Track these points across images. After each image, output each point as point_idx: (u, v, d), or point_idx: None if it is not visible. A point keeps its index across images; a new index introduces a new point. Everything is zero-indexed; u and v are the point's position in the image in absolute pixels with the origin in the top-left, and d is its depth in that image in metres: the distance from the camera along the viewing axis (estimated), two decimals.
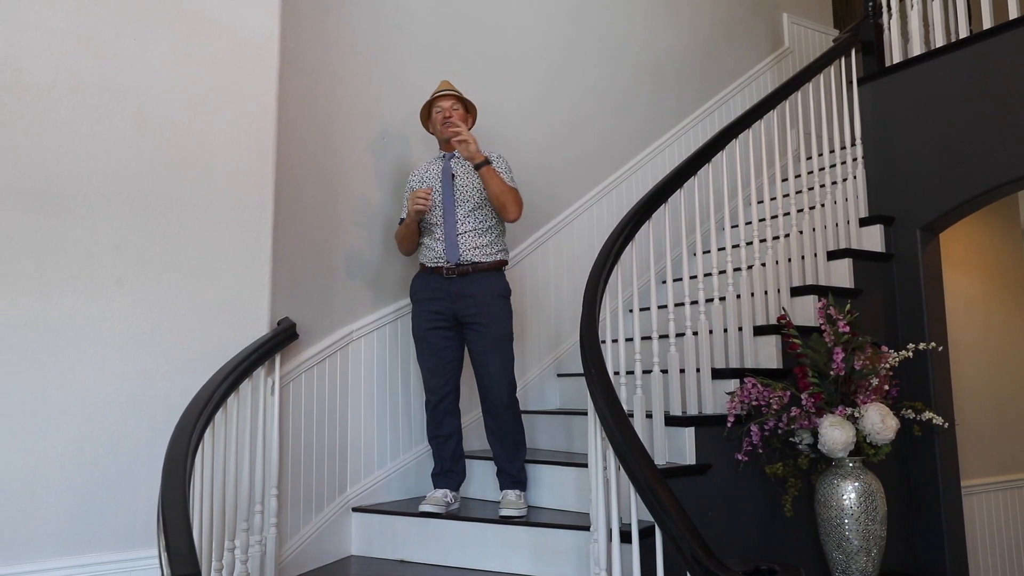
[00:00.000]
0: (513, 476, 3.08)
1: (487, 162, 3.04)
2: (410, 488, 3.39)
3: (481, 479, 3.35)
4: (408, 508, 3.14)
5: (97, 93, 2.57)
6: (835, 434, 2.96)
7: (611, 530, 2.18)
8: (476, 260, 3.05)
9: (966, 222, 4.30)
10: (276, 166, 2.89)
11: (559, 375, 4.07)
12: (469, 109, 3.28)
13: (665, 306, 3.20)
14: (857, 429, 3.03)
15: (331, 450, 3.16)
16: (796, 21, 5.60)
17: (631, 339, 3.12)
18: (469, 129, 3.19)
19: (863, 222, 3.91)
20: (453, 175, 3.15)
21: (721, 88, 5.11)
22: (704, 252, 3.61)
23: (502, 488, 3.08)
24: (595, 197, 4.39)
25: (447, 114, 3.16)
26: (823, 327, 3.14)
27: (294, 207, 3.14)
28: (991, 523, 4.45)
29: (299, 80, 3.22)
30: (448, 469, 3.15)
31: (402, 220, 3.22)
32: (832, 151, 4.05)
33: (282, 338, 2.75)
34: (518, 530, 2.84)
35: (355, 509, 3.19)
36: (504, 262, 3.16)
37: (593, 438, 2.40)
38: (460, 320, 3.07)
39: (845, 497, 3.03)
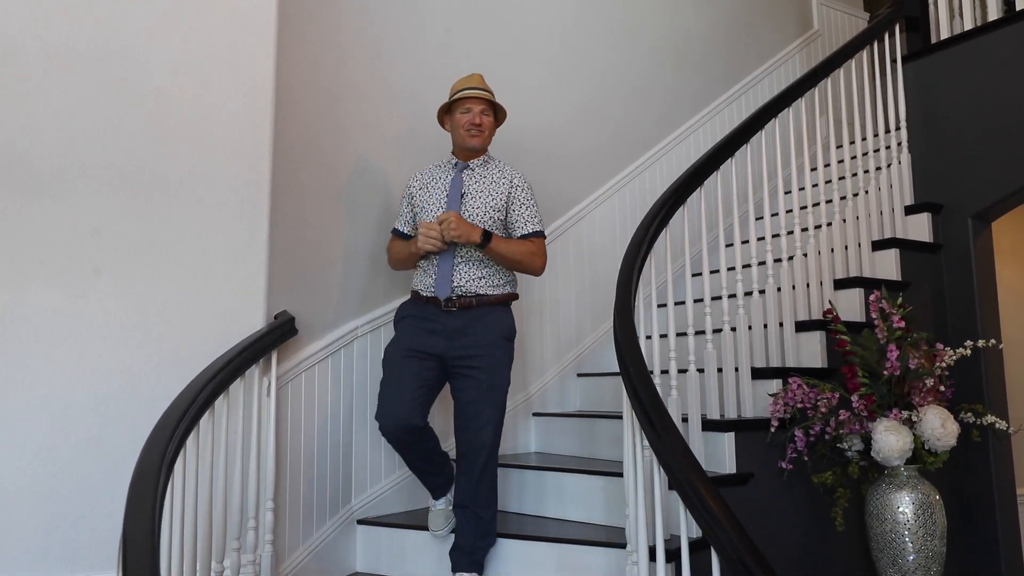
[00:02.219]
0: (472, 557, 2.56)
1: (487, 237, 2.56)
2: (421, 498, 3.10)
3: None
4: (418, 520, 2.86)
5: (74, 58, 2.30)
6: (890, 440, 2.68)
7: (654, 549, 1.90)
8: (480, 292, 2.59)
9: (1014, 212, 4.00)
10: (274, 144, 2.62)
11: (579, 375, 3.80)
12: (498, 115, 2.80)
13: (701, 299, 2.91)
14: (915, 434, 2.74)
15: (334, 457, 2.88)
16: (826, 3, 5.31)
17: (664, 335, 2.83)
18: (493, 131, 2.76)
19: (909, 210, 3.62)
20: (463, 193, 2.67)
21: (747, 73, 4.82)
22: (743, 242, 3.32)
23: (455, 570, 2.55)
24: (616, 185, 4.11)
25: (476, 121, 2.66)
26: (876, 322, 2.86)
27: (294, 190, 2.86)
28: None
29: (301, 52, 2.95)
30: (441, 485, 2.73)
31: (395, 231, 2.82)
32: (876, 135, 3.76)
33: (279, 333, 2.48)
34: (543, 546, 2.56)
35: (360, 522, 2.91)
36: (514, 296, 2.71)
37: (630, 445, 2.12)
38: (448, 363, 2.58)
39: (900, 509, 2.75)
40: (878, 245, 3.45)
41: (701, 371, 2.83)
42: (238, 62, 2.56)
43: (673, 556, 2.15)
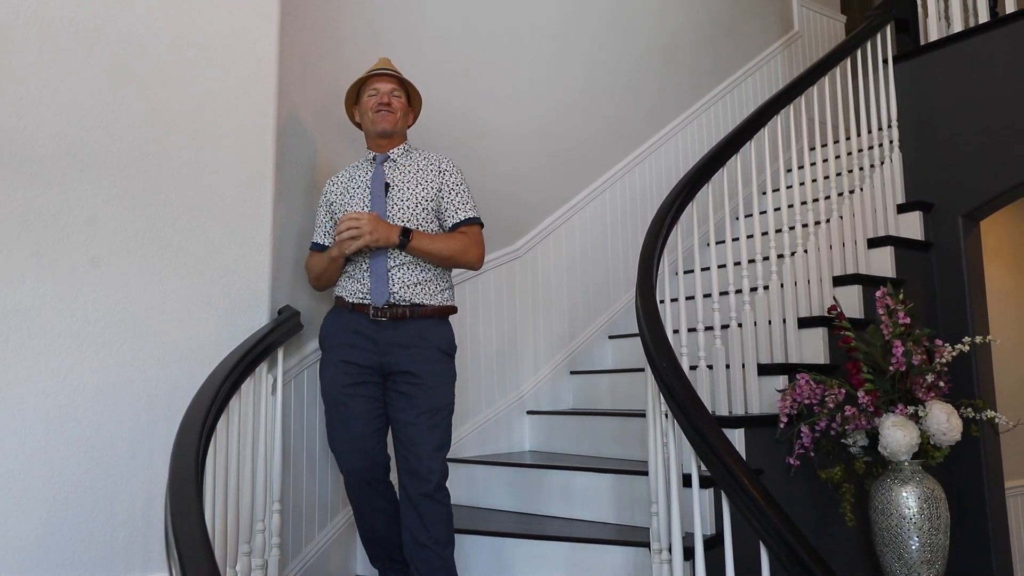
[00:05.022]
0: None
1: (406, 235, 2.27)
2: None
3: (497, 486, 3.02)
4: None
5: (69, 36, 2.17)
6: (898, 435, 2.70)
7: (694, 549, 1.86)
8: (416, 302, 2.29)
9: (997, 212, 4.09)
10: (277, 132, 2.51)
11: (572, 372, 3.76)
12: (412, 100, 2.52)
13: (709, 295, 2.89)
14: (920, 430, 2.76)
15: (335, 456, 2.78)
16: (806, 5, 5.38)
17: (676, 331, 2.81)
18: (410, 123, 2.52)
19: (901, 208, 3.67)
20: (388, 184, 2.39)
21: (733, 71, 4.86)
22: (748, 237, 3.32)
23: None
24: (608, 182, 4.09)
25: (384, 100, 2.41)
26: (883, 318, 2.87)
27: (296, 180, 2.76)
28: None
29: (300, 39, 2.85)
30: (396, 559, 2.41)
31: (314, 244, 2.51)
32: (870, 131, 3.80)
33: (286, 329, 2.37)
34: (554, 546, 2.51)
35: None
36: (452, 308, 2.40)
37: (659, 443, 2.08)
38: (386, 375, 2.31)
39: (905, 504, 2.76)
40: (873, 243, 3.49)
41: (710, 367, 2.81)
42: (241, 48, 2.45)
43: (691, 554, 2.13)
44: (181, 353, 2.25)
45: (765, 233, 3.21)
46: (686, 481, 2.10)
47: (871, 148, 3.74)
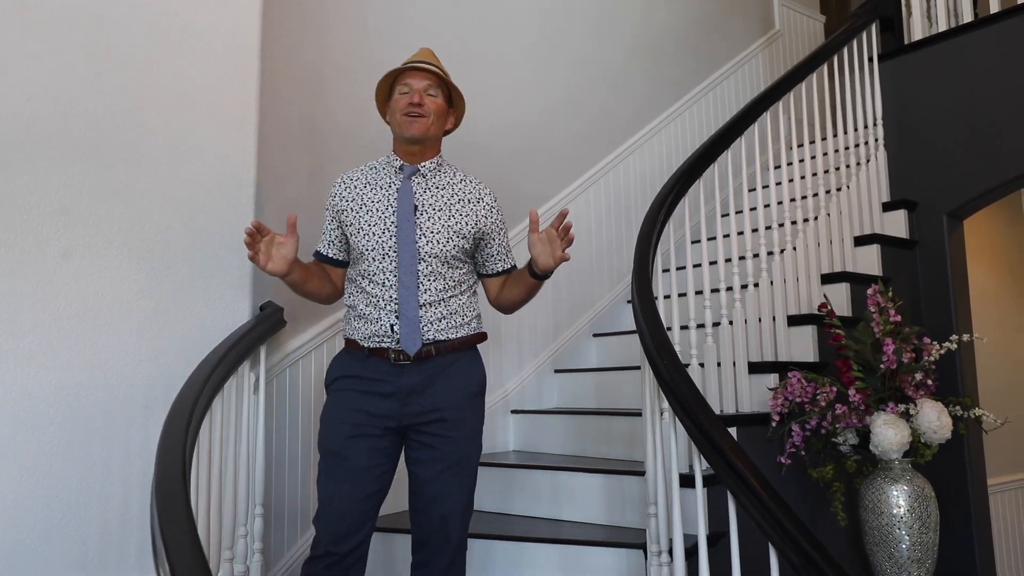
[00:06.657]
0: None
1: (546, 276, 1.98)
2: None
3: (482, 488, 2.95)
4: (406, 523, 2.70)
5: (45, 18, 2.06)
6: (889, 433, 2.68)
7: (690, 550, 1.82)
8: (441, 337, 1.94)
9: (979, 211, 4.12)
10: (260, 121, 2.42)
11: (557, 371, 3.70)
12: (454, 100, 2.07)
13: (701, 292, 2.86)
14: (911, 428, 2.75)
15: (317, 456, 2.70)
16: (787, 4, 5.39)
17: (668, 328, 2.76)
18: (448, 129, 2.07)
19: (886, 207, 3.67)
20: (416, 207, 1.97)
21: (715, 69, 4.85)
22: (739, 233, 3.29)
23: None
24: (592, 179, 4.04)
25: (416, 100, 1.95)
26: (874, 316, 2.86)
27: (277, 171, 2.67)
28: (1008, 522, 4.29)
29: (284, 26, 2.76)
30: None
31: (318, 254, 2.10)
32: (856, 129, 3.80)
33: (268, 326, 2.29)
34: (545, 548, 2.45)
35: None
36: (482, 336, 2.04)
37: (652, 440, 2.03)
38: (405, 428, 1.94)
39: (896, 503, 2.75)
40: (860, 240, 3.49)
41: (702, 365, 2.77)
42: (222, 33, 2.36)
43: (688, 555, 2.09)
44: (159, 351, 2.15)
45: (755, 230, 3.18)
46: (682, 481, 2.06)
47: (856, 146, 3.74)
